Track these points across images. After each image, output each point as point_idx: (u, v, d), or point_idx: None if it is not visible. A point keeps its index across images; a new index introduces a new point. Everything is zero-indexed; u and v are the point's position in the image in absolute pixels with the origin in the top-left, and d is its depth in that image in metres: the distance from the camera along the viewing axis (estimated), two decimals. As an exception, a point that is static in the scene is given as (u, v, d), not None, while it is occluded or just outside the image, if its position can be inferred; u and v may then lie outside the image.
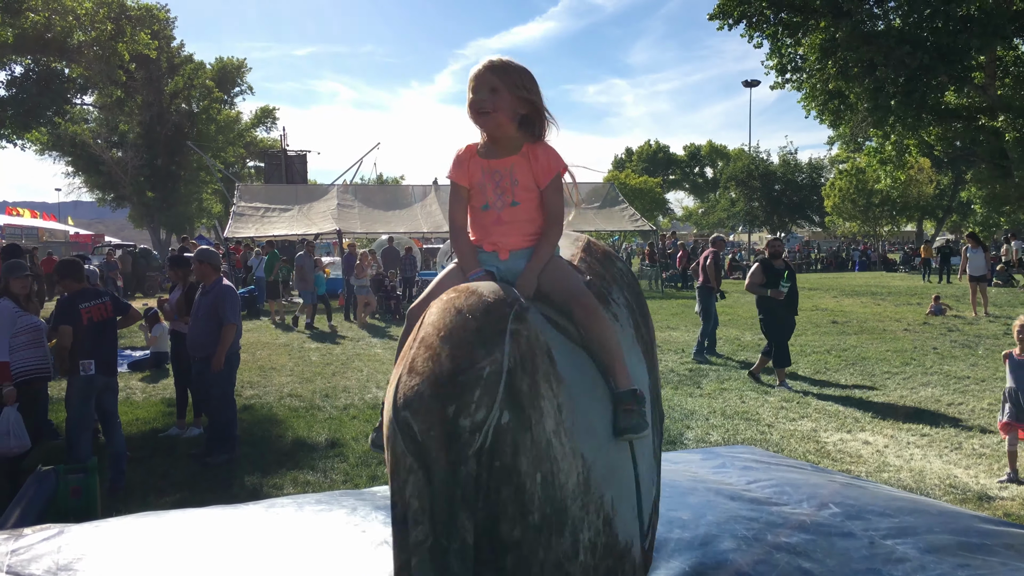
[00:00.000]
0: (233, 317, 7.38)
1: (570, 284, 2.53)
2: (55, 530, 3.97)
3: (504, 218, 2.57)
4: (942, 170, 45.19)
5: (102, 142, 47.56)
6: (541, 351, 2.14)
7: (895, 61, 19.58)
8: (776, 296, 10.21)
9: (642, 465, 2.65)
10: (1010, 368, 6.72)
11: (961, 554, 3.72)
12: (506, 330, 2.10)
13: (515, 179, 2.56)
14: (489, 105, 2.50)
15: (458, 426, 1.98)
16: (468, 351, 2.06)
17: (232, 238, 26.70)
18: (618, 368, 2.45)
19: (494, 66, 2.53)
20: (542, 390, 2.08)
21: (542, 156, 2.55)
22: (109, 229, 75.14)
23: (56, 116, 28.72)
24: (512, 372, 2.03)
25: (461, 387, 2.01)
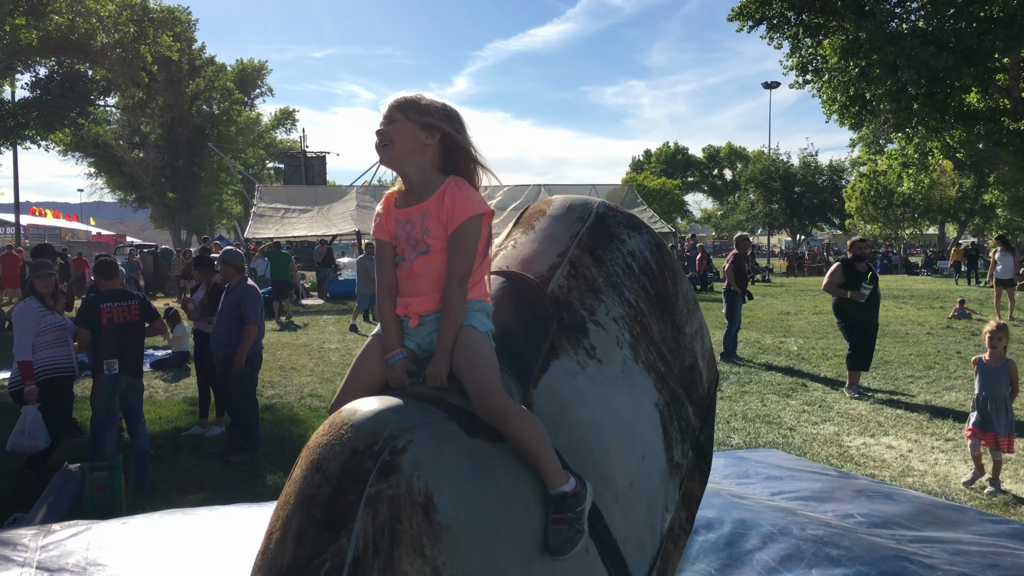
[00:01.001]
0: (254, 317, 7.43)
1: (472, 380, 2.12)
2: (83, 526, 4.01)
3: (416, 270, 2.28)
4: (965, 172, 44.77)
5: (124, 143, 48.08)
6: (411, 509, 1.86)
7: (918, 63, 19.43)
8: (857, 298, 9.85)
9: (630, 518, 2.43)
10: (979, 374, 6.64)
11: (990, 556, 3.69)
12: (361, 498, 1.84)
13: (427, 227, 2.25)
14: (385, 137, 2.25)
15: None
16: (312, 538, 1.84)
17: (252, 239, 26.86)
18: (545, 469, 2.11)
19: (397, 101, 2.27)
20: (404, 566, 1.81)
21: (448, 199, 2.22)
22: (130, 229, 75.85)
23: (79, 117, 29.02)
24: (358, 562, 1.79)
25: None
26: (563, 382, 2.40)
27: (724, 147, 77.64)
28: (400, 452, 1.90)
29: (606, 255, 2.78)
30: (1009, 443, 6.46)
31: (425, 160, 2.28)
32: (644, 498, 2.51)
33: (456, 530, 1.89)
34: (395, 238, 2.33)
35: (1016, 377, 6.63)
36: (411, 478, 1.88)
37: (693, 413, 2.87)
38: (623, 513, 2.38)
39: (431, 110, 2.26)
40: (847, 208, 48.52)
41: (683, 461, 2.77)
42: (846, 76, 21.87)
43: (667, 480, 2.66)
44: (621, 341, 2.64)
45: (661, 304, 2.84)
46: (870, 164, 44.12)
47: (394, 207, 2.34)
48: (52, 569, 3.49)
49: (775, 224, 59.96)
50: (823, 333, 15.78)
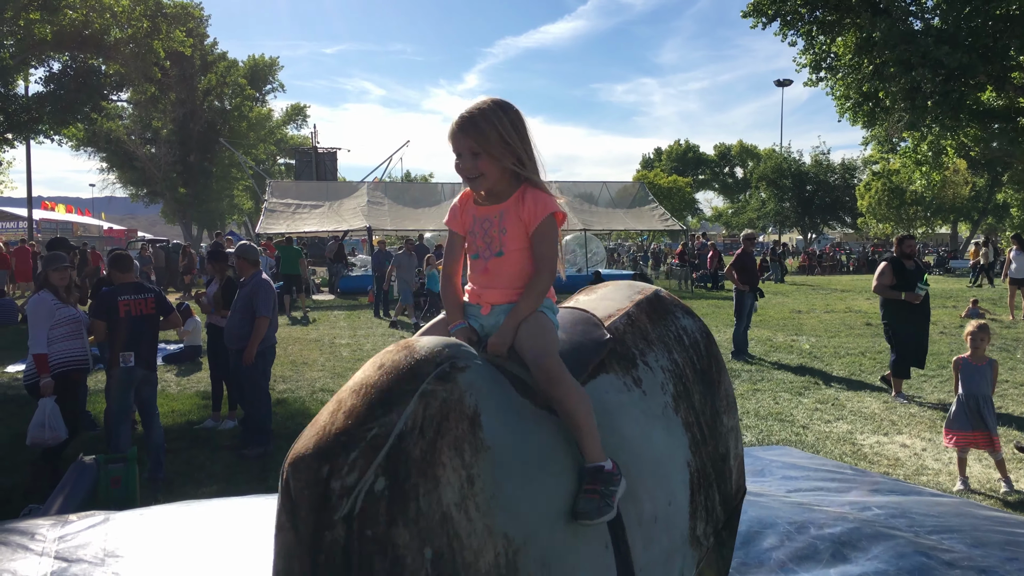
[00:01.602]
0: (265, 310, 7.44)
1: (534, 345, 2.28)
2: (100, 517, 4.03)
3: (490, 268, 2.45)
4: (978, 171, 44.50)
5: (136, 138, 48.24)
6: (459, 415, 1.98)
7: (933, 61, 19.29)
8: (913, 300, 9.48)
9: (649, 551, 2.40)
10: (963, 374, 6.60)
11: (1009, 549, 3.67)
12: (416, 390, 1.97)
13: (503, 227, 2.42)
14: (474, 171, 2.38)
15: (329, 488, 1.86)
16: (367, 410, 1.95)
17: (264, 234, 26.93)
18: (586, 441, 2.21)
19: (467, 124, 2.36)
20: (443, 458, 1.90)
21: (529, 200, 2.40)
22: (141, 224, 76.18)
23: (92, 112, 29.09)
24: (404, 436, 1.90)
25: (340, 447, 1.90)
26: (610, 392, 2.49)
27: (735, 145, 77.39)
28: (459, 370, 2.05)
29: (661, 320, 2.93)
30: (999, 441, 6.48)
31: (506, 176, 2.43)
32: (665, 543, 2.48)
33: (495, 453, 1.99)
34: (470, 233, 2.49)
35: (996, 375, 6.70)
36: (464, 392, 2.01)
37: (719, 502, 2.84)
38: (644, 543, 2.37)
39: (506, 134, 2.36)
40: (859, 207, 48.30)
41: (705, 542, 2.72)
42: (860, 74, 21.73)
43: (688, 546, 2.61)
44: (665, 388, 2.70)
45: (705, 382, 2.90)
46: (883, 162, 43.91)
47: (472, 204, 2.50)
48: (70, 559, 3.50)
49: (786, 222, 59.73)
50: (835, 331, 15.72)
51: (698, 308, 20.67)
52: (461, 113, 2.38)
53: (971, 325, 6.74)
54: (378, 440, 1.89)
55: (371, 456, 1.87)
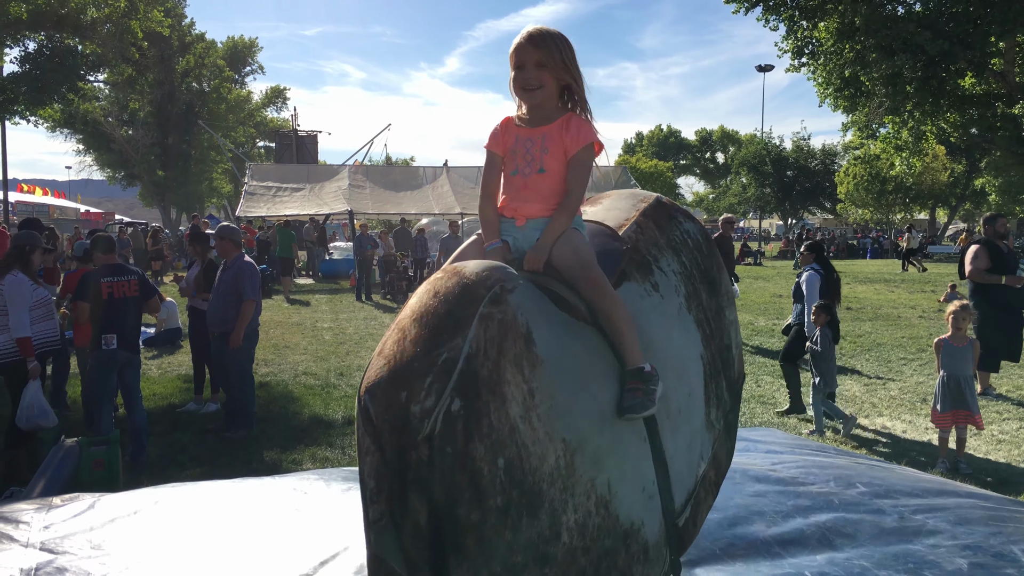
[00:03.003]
0: (252, 293, 7.39)
1: (578, 259, 2.44)
2: (86, 503, 3.98)
3: (529, 184, 2.54)
4: (956, 157, 44.86)
5: (113, 120, 47.56)
6: (515, 334, 2.12)
7: (914, 46, 19.37)
8: (1015, 283, 8.72)
9: (676, 440, 2.60)
10: (944, 355, 6.68)
11: (992, 524, 3.72)
12: (475, 314, 2.10)
13: (546, 147, 2.53)
14: (536, 81, 2.49)
15: (408, 412, 2.01)
16: (432, 336, 2.09)
17: (243, 217, 26.72)
18: (627, 345, 2.38)
19: (538, 38, 2.48)
20: (507, 375, 2.06)
21: (574, 127, 2.53)
22: (119, 208, 75.34)
23: (69, 93, 28.65)
24: (471, 358, 2.04)
25: (415, 373, 2.04)
26: (634, 299, 2.66)
27: (717, 130, 77.48)
28: (508, 291, 2.19)
29: (667, 225, 3.05)
30: (980, 420, 6.57)
31: (555, 97, 2.56)
32: (687, 432, 2.68)
33: (549, 365, 2.14)
34: (511, 152, 2.58)
35: (978, 355, 6.79)
36: (516, 311, 2.15)
37: (726, 388, 3.03)
38: (672, 433, 2.58)
39: (570, 58, 2.52)
40: (839, 193, 48.59)
41: (717, 424, 2.93)
42: (842, 59, 21.79)
43: (704, 431, 2.83)
44: (678, 290, 2.88)
45: (708, 281, 3.06)
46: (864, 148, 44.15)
47: (514, 126, 2.59)
48: (56, 551, 3.45)
49: (767, 208, 59.98)
50: (816, 316, 15.83)
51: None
52: (529, 30, 2.51)
53: (952, 306, 6.80)
54: (449, 364, 2.04)
55: (445, 380, 2.02)
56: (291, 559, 3.40)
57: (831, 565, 3.46)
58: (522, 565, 2.05)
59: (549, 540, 2.08)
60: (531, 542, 2.05)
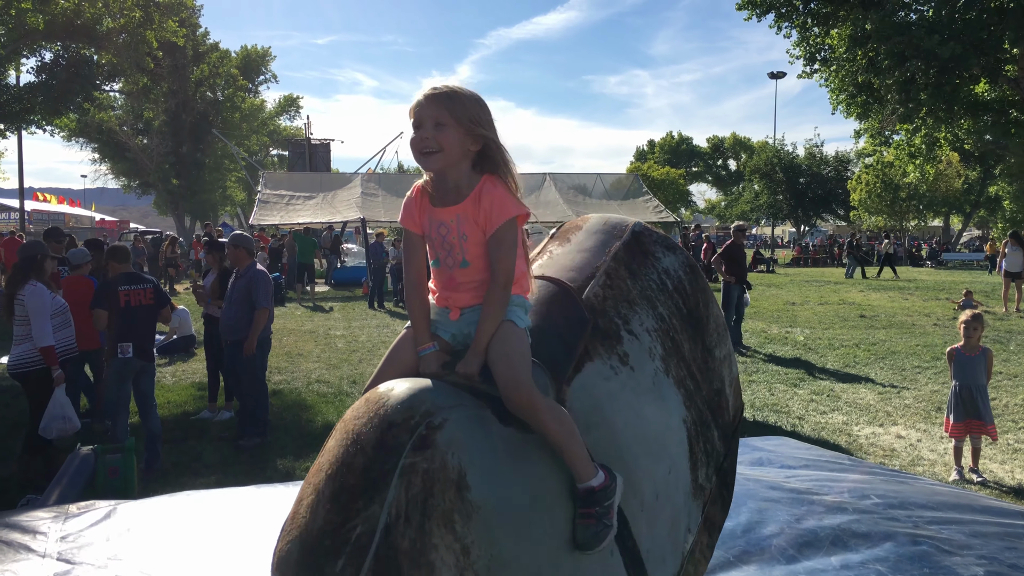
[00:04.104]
0: (265, 301, 7.43)
1: (509, 373, 2.10)
2: (102, 511, 4.01)
3: (456, 276, 2.25)
4: (970, 164, 44.61)
5: (128, 129, 47.98)
6: (444, 484, 1.88)
7: (926, 52, 19.31)
8: None
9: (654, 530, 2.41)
10: (956, 365, 6.63)
11: (1008, 540, 3.69)
12: (396, 469, 1.87)
13: (463, 232, 2.21)
14: (433, 143, 2.15)
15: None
16: (345, 503, 1.87)
17: (257, 225, 26.86)
18: (574, 462, 2.11)
19: (438, 96, 2.16)
20: (434, 539, 1.83)
21: (486, 201, 2.17)
22: (133, 216, 75.80)
23: (84, 102, 28.92)
24: (390, 528, 1.82)
25: (326, 553, 1.84)
26: (597, 384, 2.40)
27: (728, 137, 77.35)
28: (436, 428, 1.92)
29: (641, 270, 2.78)
30: (994, 430, 6.51)
31: (466, 163, 2.22)
32: (668, 513, 2.49)
33: (487, 511, 1.90)
34: (428, 237, 2.28)
35: (992, 365, 6.72)
36: (445, 454, 1.89)
37: (718, 438, 2.83)
38: (648, 525, 2.36)
39: (478, 116, 2.19)
40: (852, 200, 48.38)
41: (707, 484, 2.73)
42: (854, 66, 21.75)
43: (691, 500, 2.62)
44: (653, 353, 2.62)
45: (692, 323, 2.81)
46: (876, 155, 43.97)
47: (429, 204, 2.28)
48: (73, 562, 3.48)
49: (779, 215, 59.77)
50: (829, 323, 15.77)
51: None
52: (431, 86, 2.20)
53: (964, 315, 6.76)
54: (363, 540, 1.82)
55: (358, 562, 1.80)
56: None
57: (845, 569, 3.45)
58: None
59: None
60: None
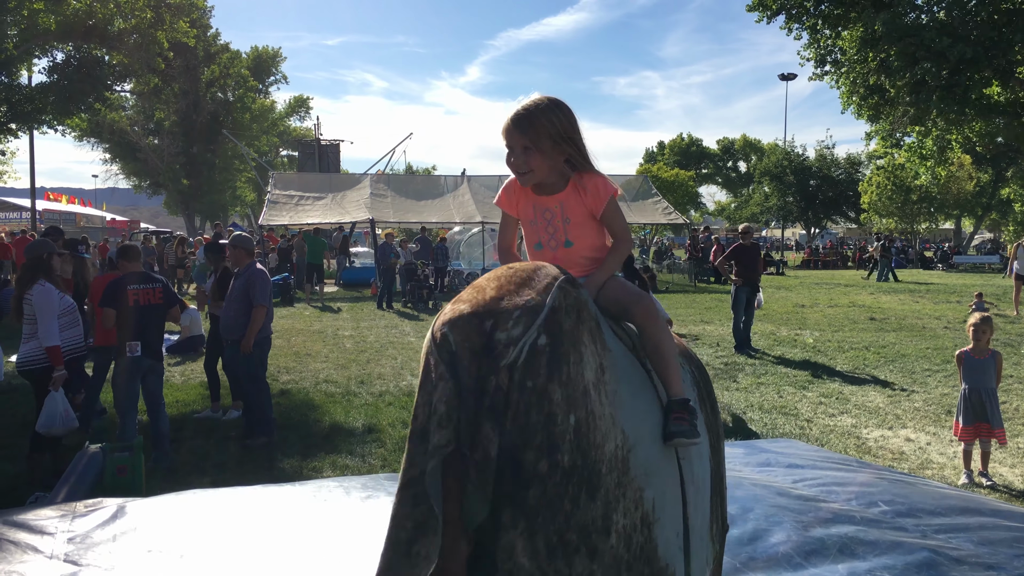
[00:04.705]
0: (262, 299, 7.43)
1: (628, 291, 2.47)
2: (109, 511, 4.01)
3: (559, 257, 2.51)
4: (982, 167, 44.37)
5: (139, 129, 48.20)
6: (589, 314, 2.10)
7: (937, 54, 19.22)
8: None
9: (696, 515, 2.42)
10: (965, 368, 6.56)
11: (1017, 546, 3.66)
12: (554, 284, 2.08)
13: (567, 217, 2.51)
14: (524, 166, 2.44)
15: (493, 339, 1.96)
16: (515, 288, 2.07)
17: (266, 225, 26.93)
18: (672, 376, 2.36)
19: (520, 123, 2.42)
20: (585, 339, 2.03)
21: (590, 186, 2.50)
22: (144, 216, 76.17)
23: (96, 103, 29.06)
24: (555, 310, 2.01)
25: (502, 308, 2.01)
26: None
27: (739, 139, 77.17)
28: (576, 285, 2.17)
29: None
30: (1004, 434, 6.45)
31: (558, 166, 2.49)
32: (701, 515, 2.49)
33: (614, 356, 2.13)
34: (531, 222, 2.56)
35: (1001, 368, 6.66)
36: (588, 300, 2.15)
37: (722, 516, 2.81)
38: (693, 505, 2.38)
39: (557, 130, 2.42)
40: (862, 202, 48.17)
41: (715, 544, 2.70)
42: (865, 68, 21.67)
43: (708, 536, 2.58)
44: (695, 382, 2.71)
45: (711, 401, 2.84)
46: (888, 157, 43.77)
47: (532, 192, 2.54)
48: (80, 564, 3.48)
49: (789, 217, 59.55)
50: (839, 326, 15.71)
51: (702, 302, 20.68)
52: (516, 110, 2.43)
53: (973, 318, 6.71)
54: (535, 305, 2.01)
55: (532, 316, 1.99)
56: (311, 567, 3.42)
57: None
58: (574, 547, 1.94)
59: (600, 532, 1.98)
60: (585, 525, 1.95)
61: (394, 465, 6.69)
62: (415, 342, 13.65)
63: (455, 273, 24.16)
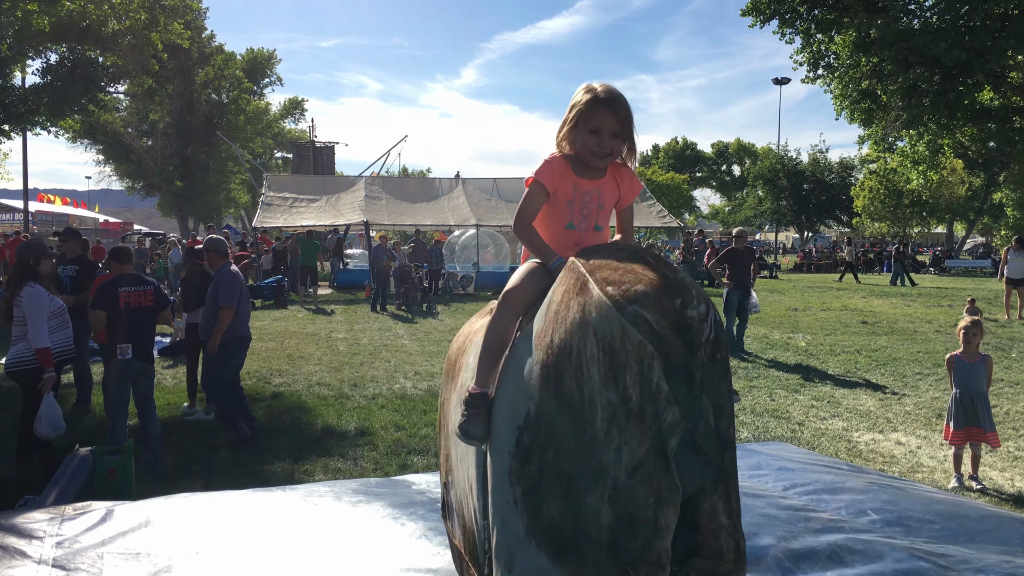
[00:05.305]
0: (227, 300, 7.38)
1: None
2: (98, 515, 4.00)
3: (585, 240, 2.59)
4: (974, 171, 44.55)
5: (133, 131, 48.09)
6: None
7: (930, 59, 19.32)
8: None
9: None
10: (956, 371, 6.59)
11: (1005, 551, 3.68)
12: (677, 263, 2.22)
13: (601, 202, 2.60)
14: (609, 149, 2.53)
15: (687, 316, 2.07)
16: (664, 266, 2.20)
17: (260, 227, 26.91)
18: None
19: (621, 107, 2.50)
20: None
21: (627, 179, 2.64)
22: (137, 217, 76.03)
23: (89, 104, 28.99)
24: None
25: (680, 284, 2.12)
26: None
27: (733, 143, 77.35)
28: None
29: None
30: (996, 437, 6.47)
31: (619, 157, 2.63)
32: None
33: None
34: (568, 202, 2.59)
35: (991, 371, 6.68)
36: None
37: None
38: None
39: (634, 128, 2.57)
40: (855, 206, 48.32)
41: None
42: (858, 72, 21.77)
43: None
44: None
45: None
46: (880, 162, 43.91)
47: (573, 173, 2.58)
48: (68, 568, 3.47)
49: (783, 221, 59.72)
50: (831, 329, 15.74)
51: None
52: (612, 92, 2.50)
53: (964, 321, 6.73)
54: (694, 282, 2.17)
55: (704, 293, 2.13)
56: (299, 572, 3.41)
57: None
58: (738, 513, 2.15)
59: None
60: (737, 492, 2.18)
61: (386, 468, 6.69)
62: (408, 345, 13.64)
63: (449, 276, 24.14)
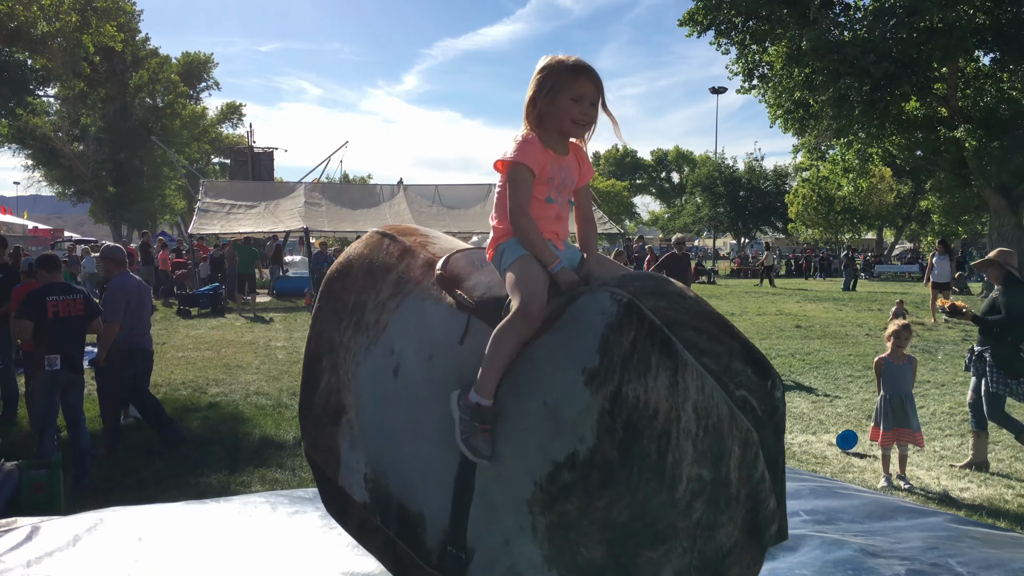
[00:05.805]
0: (110, 316, 7.16)
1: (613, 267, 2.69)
2: (23, 532, 3.88)
3: (563, 214, 2.68)
4: (902, 179, 45.97)
5: (63, 135, 46.72)
6: None
7: (859, 70, 19.91)
8: None
9: None
10: (885, 374, 6.77)
11: (929, 541, 3.82)
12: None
13: (572, 177, 2.65)
14: (590, 119, 2.58)
15: (775, 399, 2.25)
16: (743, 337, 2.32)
17: (196, 234, 26.38)
18: None
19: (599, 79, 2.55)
20: None
21: (585, 159, 2.70)
22: (68, 224, 73.68)
23: (17, 108, 28.12)
24: None
25: (764, 361, 2.27)
26: None
27: (672, 150, 78.54)
28: None
29: None
30: (921, 438, 6.69)
31: None
32: None
33: None
34: (547, 179, 2.58)
35: (915, 372, 6.91)
36: None
37: None
38: None
39: None
40: (790, 213, 49.44)
41: None
42: (791, 82, 22.31)
43: None
44: None
45: None
46: (813, 170, 45.04)
47: (552, 152, 2.58)
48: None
49: (720, 227, 60.80)
50: (767, 334, 16.07)
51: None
52: (586, 63, 2.53)
53: (893, 325, 6.94)
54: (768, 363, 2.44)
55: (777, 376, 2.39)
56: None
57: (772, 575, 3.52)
58: None
59: None
60: None
61: (325, 478, 6.62)
62: (349, 353, 13.51)
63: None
